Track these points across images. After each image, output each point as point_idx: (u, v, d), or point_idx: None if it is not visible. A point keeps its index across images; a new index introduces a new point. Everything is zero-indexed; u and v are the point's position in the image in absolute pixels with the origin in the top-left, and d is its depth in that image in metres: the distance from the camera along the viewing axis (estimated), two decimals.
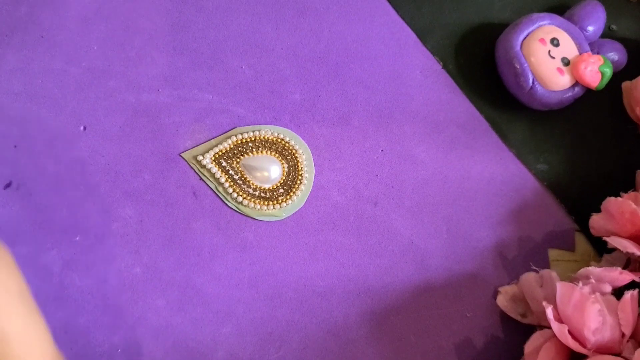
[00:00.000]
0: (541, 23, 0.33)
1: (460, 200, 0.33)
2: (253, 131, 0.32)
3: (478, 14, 0.36)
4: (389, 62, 0.35)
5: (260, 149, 0.32)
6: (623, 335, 0.27)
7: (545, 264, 0.32)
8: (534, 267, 0.31)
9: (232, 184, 0.32)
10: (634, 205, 0.28)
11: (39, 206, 0.31)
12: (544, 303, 0.28)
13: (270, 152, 0.32)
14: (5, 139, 0.32)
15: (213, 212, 0.32)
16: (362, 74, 0.34)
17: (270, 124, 0.33)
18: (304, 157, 0.32)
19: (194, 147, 0.32)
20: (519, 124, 0.34)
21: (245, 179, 0.32)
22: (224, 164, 0.32)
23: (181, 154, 0.32)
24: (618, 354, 0.27)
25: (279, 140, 0.32)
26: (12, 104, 0.32)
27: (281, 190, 0.32)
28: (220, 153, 0.32)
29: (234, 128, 0.32)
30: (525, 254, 0.33)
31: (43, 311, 0.30)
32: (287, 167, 0.32)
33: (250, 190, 0.32)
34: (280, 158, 0.32)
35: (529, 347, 0.29)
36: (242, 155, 0.32)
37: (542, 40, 0.32)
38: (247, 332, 0.31)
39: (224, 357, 0.30)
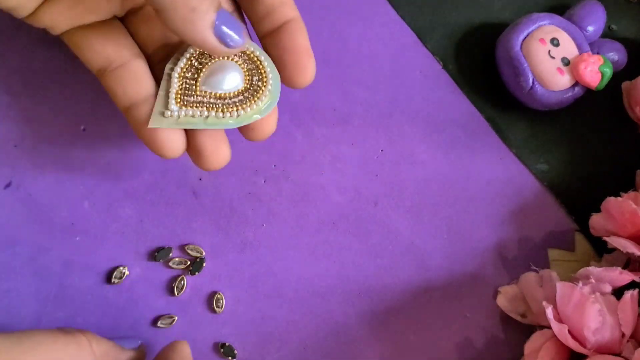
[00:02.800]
0: (541, 23, 0.33)
1: (460, 200, 0.33)
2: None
3: (478, 14, 0.36)
4: (389, 62, 0.35)
5: (213, 58, 0.28)
6: (623, 335, 0.27)
7: (545, 264, 0.32)
8: (534, 267, 0.31)
9: (215, 108, 0.27)
10: (634, 205, 0.28)
11: (39, 206, 0.31)
12: (544, 303, 0.28)
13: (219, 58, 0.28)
14: (5, 139, 0.32)
15: (213, 212, 0.32)
16: (362, 74, 0.34)
17: None
18: (262, 57, 0.28)
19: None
20: (519, 124, 0.34)
21: (218, 95, 0.28)
22: (191, 98, 0.27)
23: (149, 127, 0.27)
24: (618, 354, 0.27)
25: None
26: (12, 104, 0.32)
27: (250, 90, 0.28)
28: (179, 92, 0.27)
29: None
30: (525, 254, 0.33)
31: (43, 311, 0.30)
32: (245, 66, 0.28)
33: (230, 102, 0.28)
34: (238, 60, 0.28)
35: (529, 347, 0.29)
36: (197, 78, 0.28)
37: (542, 40, 0.32)
38: (247, 332, 0.31)
39: (224, 356, 0.30)
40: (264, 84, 0.28)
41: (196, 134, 0.27)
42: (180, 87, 0.27)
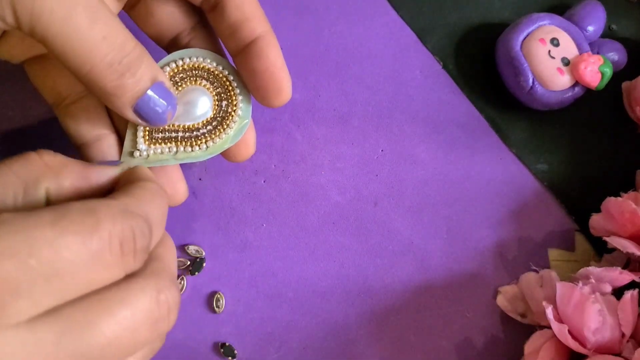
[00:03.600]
0: (541, 23, 0.33)
1: (460, 200, 0.33)
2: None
3: (478, 14, 0.36)
4: (389, 62, 0.35)
5: (180, 83, 0.27)
6: (623, 335, 0.27)
7: (545, 264, 0.32)
8: (534, 267, 0.31)
9: (183, 142, 0.27)
10: (634, 205, 0.28)
11: None
12: (544, 303, 0.28)
13: (191, 82, 0.27)
14: (5, 139, 0.32)
15: (213, 212, 0.32)
16: (362, 74, 0.34)
17: (270, 124, 0.33)
18: (231, 78, 0.27)
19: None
20: (519, 124, 0.34)
21: (187, 127, 0.27)
22: (159, 135, 0.26)
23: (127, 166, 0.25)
24: (618, 354, 0.27)
25: (197, 67, 0.27)
26: (12, 104, 0.32)
27: (218, 118, 0.27)
28: (147, 130, 0.26)
29: None
30: (525, 254, 0.33)
31: None
32: (213, 90, 0.27)
33: (198, 133, 0.27)
34: (206, 84, 0.27)
35: (529, 347, 0.29)
36: None
37: (542, 40, 0.32)
38: (247, 332, 0.31)
39: (224, 356, 0.30)
40: (233, 108, 0.27)
41: (155, 176, 0.27)
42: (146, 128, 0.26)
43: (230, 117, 0.27)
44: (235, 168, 0.33)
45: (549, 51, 0.32)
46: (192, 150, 0.27)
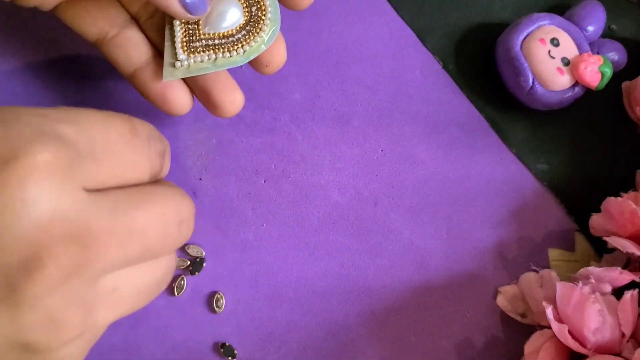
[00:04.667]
0: (541, 23, 0.33)
1: (460, 200, 0.33)
2: None
3: (478, 14, 0.36)
4: (389, 62, 0.35)
5: None
6: (623, 335, 0.27)
7: (545, 264, 0.32)
8: (534, 267, 0.31)
9: (221, 49, 0.28)
10: (634, 205, 0.28)
11: None
12: (544, 303, 0.28)
13: None
14: None
15: (213, 212, 0.32)
16: (362, 74, 0.34)
17: (271, 124, 0.33)
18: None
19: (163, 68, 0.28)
20: (519, 124, 0.34)
21: (222, 35, 0.28)
22: (197, 44, 0.28)
23: (164, 80, 0.28)
24: (618, 354, 0.27)
25: None
26: (12, 104, 0.32)
27: (251, 23, 0.28)
28: (184, 40, 0.28)
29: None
30: (525, 254, 0.33)
31: None
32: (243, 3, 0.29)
33: (234, 39, 0.28)
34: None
35: (529, 347, 0.29)
36: (198, 22, 0.28)
37: (542, 40, 0.32)
38: (247, 332, 0.31)
39: (224, 356, 0.30)
40: (263, 12, 0.28)
41: (211, 87, 0.28)
42: (184, 34, 0.28)
43: (262, 21, 0.28)
44: (235, 168, 0.33)
45: (549, 51, 0.32)
46: (230, 56, 0.28)
